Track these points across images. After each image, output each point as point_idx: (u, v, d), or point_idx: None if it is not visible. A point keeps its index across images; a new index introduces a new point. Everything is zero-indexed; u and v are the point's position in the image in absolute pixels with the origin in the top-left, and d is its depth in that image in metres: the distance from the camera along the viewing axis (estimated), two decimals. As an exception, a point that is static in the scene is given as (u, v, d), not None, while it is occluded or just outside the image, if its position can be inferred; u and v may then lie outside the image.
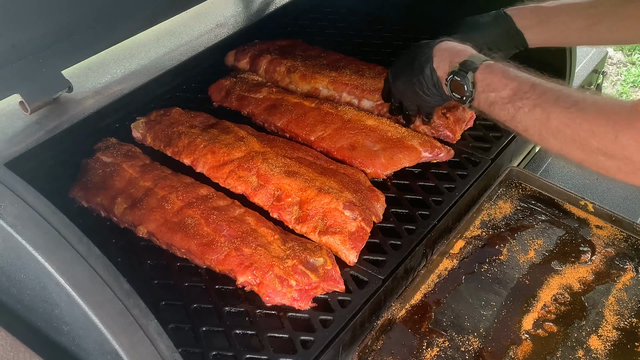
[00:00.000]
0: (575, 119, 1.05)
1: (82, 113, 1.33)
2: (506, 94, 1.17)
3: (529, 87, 1.14)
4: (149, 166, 1.48)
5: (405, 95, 1.47)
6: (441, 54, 1.32)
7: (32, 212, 0.98)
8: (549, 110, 1.09)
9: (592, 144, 1.03)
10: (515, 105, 1.15)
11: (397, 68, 1.46)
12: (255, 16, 1.80)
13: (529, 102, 1.13)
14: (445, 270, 1.33)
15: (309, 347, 1.15)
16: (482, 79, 1.22)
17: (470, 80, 1.23)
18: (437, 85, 1.33)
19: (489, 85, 1.21)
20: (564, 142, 1.08)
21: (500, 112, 1.19)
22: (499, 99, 1.18)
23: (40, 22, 1.19)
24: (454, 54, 1.29)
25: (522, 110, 1.14)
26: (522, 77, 1.17)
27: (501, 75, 1.20)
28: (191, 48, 1.62)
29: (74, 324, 0.98)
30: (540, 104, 1.11)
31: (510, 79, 1.18)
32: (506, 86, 1.18)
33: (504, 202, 1.50)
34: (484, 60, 1.24)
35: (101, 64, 1.49)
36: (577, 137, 1.05)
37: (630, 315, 1.25)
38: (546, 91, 1.12)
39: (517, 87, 1.16)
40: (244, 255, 1.24)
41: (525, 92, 1.14)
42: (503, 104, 1.17)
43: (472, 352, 1.18)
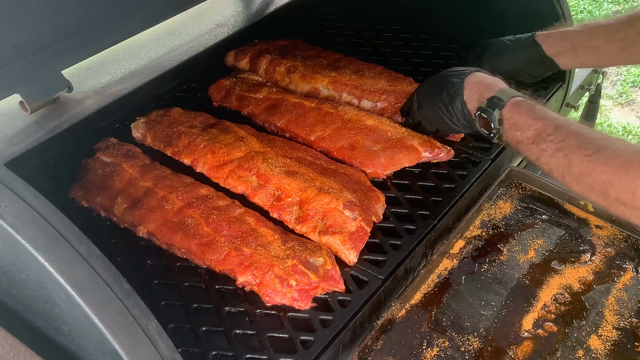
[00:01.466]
0: (596, 168, 1.05)
1: (82, 113, 1.33)
2: (531, 135, 1.17)
3: (552, 130, 1.14)
4: (149, 166, 1.49)
5: (431, 122, 1.47)
6: (471, 87, 1.32)
7: (32, 212, 0.98)
8: (570, 156, 1.09)
9: (611, 194, 1.04)
10: (540, 147, 1.15)
11: (425, 94, 1.45)
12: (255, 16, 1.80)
13: (552, 145, 1.13)
14: (445, 270, 1.33)
15: (309, 347, 1.15)
16: (509, 117, 1.22)
17: (497, 117, 1.23)
18: (468, 118, 1.34)
19: (515, 124, 1.21)
20: (586, 189, 1.09)
21: (526, 151, 1.20)
22: (524, 139, 1.19)
23: (40, 22, 1.19)
24: (483, 88, 1.29)
25: (546, 153, 1.14)
26: (547, 117, 1.17)
27: (527, 114, 1.20)
28: (191, 48, 1.61)
29: (74, 324, 0.98)
30: (563, 148, 1.11)
31: (536, 119, 1.18)
32: (531, 127, 1.18)
33: (504, 202, 1.49)
34: (512, 96, 1.23)
35: (101, 64, 1.49)
36: (598, 186, 1.05)
37: (630, 315, 1.25)
38: (569, 135, 1.12)
39: (541, 129, 1.16)
40: (244, 255, 1.24)
41: (549, 135, 1.14)
42: (528, 144, 1.18)
43: (472, 352, 1.18)
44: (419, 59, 1.95)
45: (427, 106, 1.44)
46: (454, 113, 1.36)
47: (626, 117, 4.00)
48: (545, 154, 1.14)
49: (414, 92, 1.51)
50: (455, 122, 1.38)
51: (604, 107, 4.04)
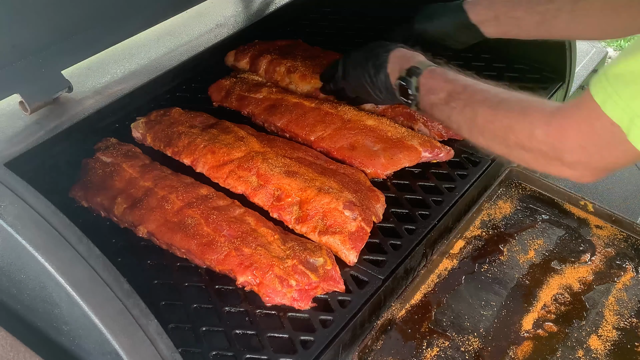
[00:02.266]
0: (498, 116, 1.13)
1: (82, 113, 1.33)
2: (443, 96, 1.25)
3: (462, 89, 1.23)
4: (149, 166, 1.48)
5: (355, 90, 1.53)
6: (394, 60, 1.39)
7: (32, 212, 0.98)
8: (476, 109, 1.17)
9: (511, 139, 1.11)
10: (450, 105, 1.23)
11: (352, 65, 1.51)
12: (255, 16, 1.80)
13: (461, 102, 1.21)
14: (445, 270, 1.33)
15: (309, 347, 1.15)
16: (425, 83, 1.30)
17: (414, 84, 1.31)
18: (390, 89, 1.40)
19: (430, 88, 1.29)
20: (489, 138, 1.17)
21: (439, 113, 1.28)
22: (438, 101, 1.26)
23: (40, 22, 1.19)
24: (404, 61, 1.37)
25: (456, 110, 1.22)
26: (458, 80, 1.25)
27: (440, 79, 1.28)
28: (191, 48, 1.62)
29: (74, 324, 0.98)
30: (470, 103, 1.19)
31: (448, 82, 1.26)
32: (443, 89, 1.26)
33: (504, 202, 1.50)
34: (428, 66, 1.32)
35: (101, 64, 1.49)
36: (499, 133, 1.13)
37: (630, 315, 1.25)
38: (477, 92, 1.20)
39: (452, 89, 1.24)
40: (244, 255, 1.24)
41: (459, 94, 1.22)
42: (441, 105, 1.26)
43: (472, 352, 1.18)
44: (419, 59, 1.94)
45: (353, 76, 1.50)
46: (378, 84, 1.42)
47: (626, 117, 3.99)
48: (455, 111, 1.22)
49: (339, 60, 1.57)
50: (377, 93, 1.44)
51: (604, 107, 4.04)
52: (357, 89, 1.51)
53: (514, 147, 1.11)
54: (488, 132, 1.16)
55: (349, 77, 1.52)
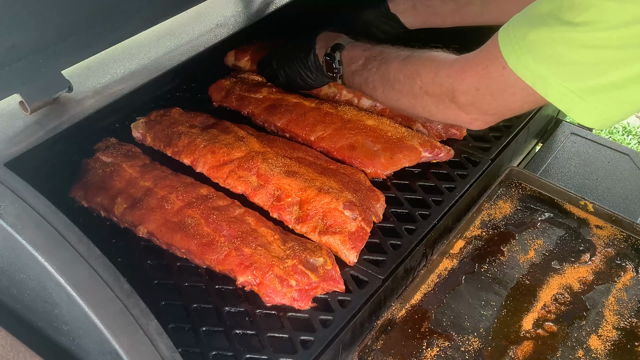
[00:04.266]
0: (407, 65, 1.25)
1: (82, 113, 1.33)
2: (361, 62, 1.38)
3: (378, 53, 1.36)
4: (149, 166, 1.48)
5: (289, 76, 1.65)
6: (321, 42, 1.52)
7: (32, 212, 0.98)
8: (389, 64, 1.29)
9: (417, 84, 1.22)
10: (367, 68, 1.35)
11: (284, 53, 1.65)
12: (255, 16, 1.80)
13: (377, 63, 1.33)
14: (445, 270, 1.33)
15: (309, 347, 1.15)
16: (346, 55, 1.43)
17: (337, 58, 1.44)
18: (319, 68, 1.53)
19: (351, 58, 1.41)
20: (398, 89, 1.28)
21: (358, 78, 1.39)
22: (357, 68, 1.38)
23: (40, 22, 1.19)
24: (329, 40, 1.50)
25: (372, 71, 1.34)
26: (375, 47, 1.38)
27: (360, 49, 1.41)
28: (191, 48, 1.61)
29: (74, 324, 0.98)
30: (385, 62, 1.31)
31: (366, 50, 1.40)
32: (362, 56, 1.39)
33: (504, 202, 1.50)
34: (350, 42, 1.45)
35: (101, 64, 1.49)
36: (407, 80, 1.24)
37: (630, 315, 1.25)
38: (391, 52, 1.33)
39: (369, 55, 1.37)
40: (244, 255, 1.24)
41: (375, 57, 1.35)
42: (359, 71, 1.38)
43: (472, 352, 1.18)
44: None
45: (286, 63, 1.63)
46: (308, 65, 1.55)
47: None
48: (371, 73, 1.34)
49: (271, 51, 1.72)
50: (308, 74, 1.57)
51: (604, 107, 4.03)
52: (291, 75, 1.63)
53: (419, 93, 1.22)
54: (397, 83, 1.26)
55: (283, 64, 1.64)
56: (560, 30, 0.97)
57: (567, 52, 0.98)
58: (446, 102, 1.19)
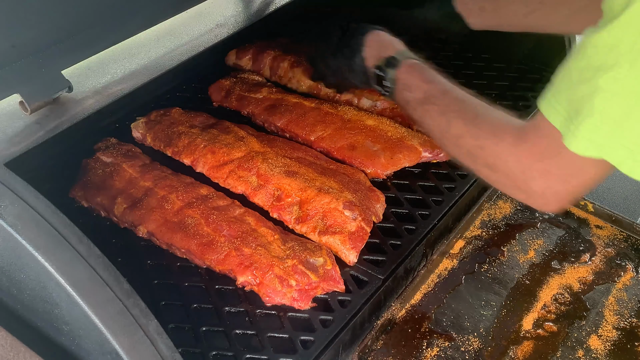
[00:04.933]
0: (470, 131, 1.11)
1: (82, 113, 1.33)
2: (419, 96, 1.22)
3: (439, 93, 1.20)
4: (149, 166, 1.48)
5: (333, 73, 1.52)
6: (371, 45, 1.36)
7: (32, 212, 0.98)
8: (451, 120, 1.15)
9: (480, 158, 1.09)
10: (424, 108, 1.21)
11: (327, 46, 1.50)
12: (255, 16, 1.80)
13: (436, 108, 1.19)
14: (445, 270, 1.33)
15: (309, 347, 1.15)
16: (402, 78, 1.27)
17: (391, 77, 1.29)
18: (366, 74, 1.38)
19: (406, 85, 1.26)
20: (460, 152, 1.15)
21: (412, 111, 1.25)
22: (413, 100, 1.24)
23: (40, 22, 1.19)
24: (382, 48, 1.34)
25: (429, 115, 1.20)
26: (436, 81, 1.23)
27: (418, 77, 1.25)
28: (191, 48, 1.61)
29: (74, 324, 0.98)
30: (446, 112, 1.17)
31: (425, 82, 1.23)
32: (420, 88, 1.23)
33: (504, 202, 1.50)
34: (407, 58, 1.29)
35: (101, 64, 1.49)
36: (470, 149, 1.11)
37: (630, 315, 1.25)
38: (453, 101, 1.17)
39: (428, 91, 1.21)
40: (244, 255, 1.24)
41: (435, 98, 1.20)
42: (416, 105, 1.23)
43: (472, 352, 1.18)
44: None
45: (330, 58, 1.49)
46: (354, 67, 1.40)
47: (626, 117, 4.00)
48: (428, 115, 1.20)
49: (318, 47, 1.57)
50: (354, 76, 1.43)
51: (604, 107, 4.04)
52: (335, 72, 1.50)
53: (482, 166, 1.10)
54: (459, 147, 1.14)
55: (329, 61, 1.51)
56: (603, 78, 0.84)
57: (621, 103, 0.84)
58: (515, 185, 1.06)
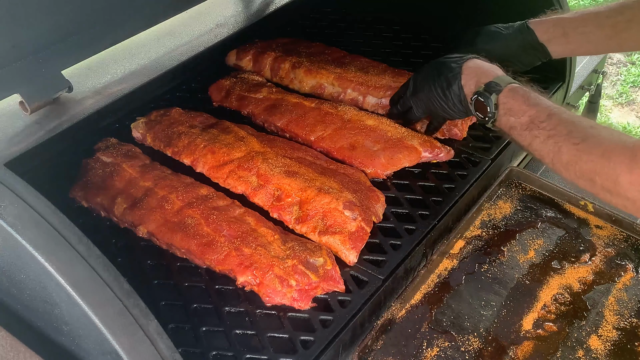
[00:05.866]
0: (582, 157, 1.09)
1: (82, 113, 1.33)
2: (524, 121, 1.20)
3: (545, 117, 1.17)
4: (149, 166, 1.49)
5: (425, 106, 1.47)
6: (469, 72, 1.34)
7: (32, 212, 0.98)
8: (560, 143, 1.13)
9: (597, 182, 1.07)
10: (532, 133, 1.18)
11: (423, 79, 1.45)
12: (255, 16, 1.80)
13: (544, 132, 1.16)
14: (445, 270, 1.33)
15: (309, 347, 1.15)
16: (504, 102, 1.24)
17: (493, 102, 1.25)
18: (464, 102, 1.35)
19: (510, 109, 1.23)
20: (574, 176, 1.12)
21: (518, 137, 1.23)
22: (518, 125, 1.21)
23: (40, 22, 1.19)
24: (481, 74, 1.31)
25: (538, 140, 1.17)
26: (541, 104, 1.20)
27: (522, 101, 1.22)
28: (191, 48, 1.62)
29: (74, 324, 0.98)
30: (554, 136, 1.14)
31: (530, 105, 1.20)
32: (525, 113, 1.20)
33: (504, 202, 1.50)
34: (508, 83, 1.26)
35: (101, 64, 1.49)
36: (585, 174, 1.09)
37: (630, 315, 1.25)
38: (560, 123, 1.15)
39: (534, 115, 1.18)
40: (244, 255, 1.24)
41: (542, 122, 1.17)
42: (521, 129, 1.21)
43: (472, 352, 1.18)
44: (419, 59, 1.95)
45: (423, 90, 1.44)
46: (451, 97, 1.37)
47: (626, 117, 4.00)
48: (537, 141, 1.18)
49: (409, 79, 1.52)
50: (451, 106, 1.39)
51: (604, 107, 4.04)
52: (428, 105, 1.45)
53: (601, 189, 1.08)
54: (573, 171, 1.12)
55: (419, 91, 1.45)
56: None
57: None
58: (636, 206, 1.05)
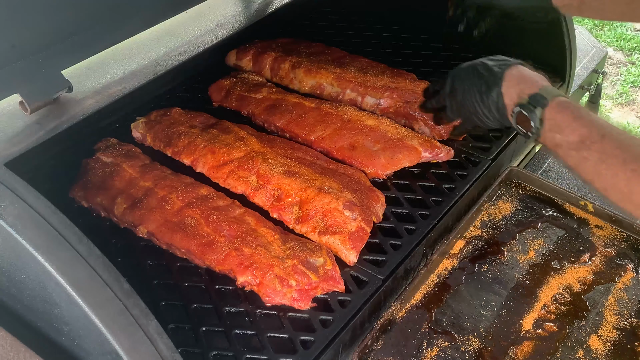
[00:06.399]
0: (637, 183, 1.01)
1: (82, 113, 1.33)
2: (573, 140, 1.10)
3: (598, 137, 1.07)
4: (149, 166, 1.49)
5: (460, 109, 1.37)
6: (511, 80, 1.23)
7: (32, 212, 0.98)
8: (615, 170, 1.04)
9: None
10: (581, 154, 1.09)
11: (461, 79, 1.35)
12: (255, 16, 1.80)
13: (596, 155, 1.06)
14: (445, 270, 1.33)
15: (309, 347, 1.15)
16: (551, 118, 1.14)
17: (538, 116, 1.15)
18: (501, 111, 1.25)
19: (557, 125, 1.13)
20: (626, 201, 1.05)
21: (564, 156, 1.13)
22: (565, 143, 1.12)
23: (40, 22, 1.19)
24: (525, 83, 1.20)
25: (588, 162, 1.08)
26: (593, 123, 1.10)
27: (571, 117, 1.12)
28: (191, 48, 1.62)
29: (74, 324, 0.98)
30: (606, 160, 1.05)
31: (580, 124, 1.10)
32: (574, 131, 1.10)
33: (504, 202, 1.50)
34: (555, 95, 1.15)
35: (101, 64, 1.49)
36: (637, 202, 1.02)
37: (630, 315, 1.25)
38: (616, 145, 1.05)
39: (585, 135, 1.08)
40: (244, 255, 1.24)
41: (594, 143, 1.07)
42: (569, 148, 1.11)
43: (472, 352, 1.18)
44: (419, 59, 1.95)
45: (461, 91, 1.33)
46: (488, 104, 1.26)
47: (626, 117, 4.00)
48: (587, 163, 1.08)
49: (448, 75, 1.40)
50: (486, 113, 1.29)
51: (604, 107, 4.05)
52: (463, 108, 1.34)
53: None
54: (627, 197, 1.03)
55: (457, 93, 1.35)
56: None
57: None
58: None
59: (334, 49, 1.90)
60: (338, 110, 1.63)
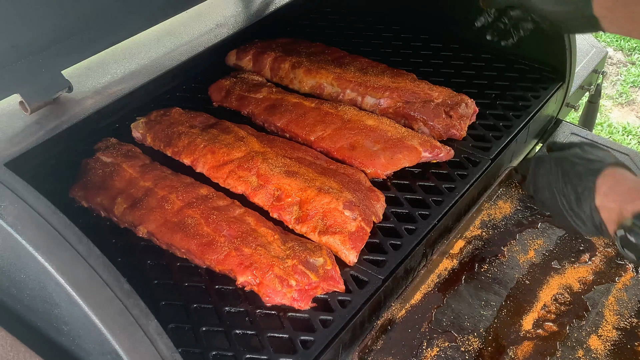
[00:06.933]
0: None
1: (82, 113, 1.33)
2: None
3: None
4: (149, 166, 1.49)
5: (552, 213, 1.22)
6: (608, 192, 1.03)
7: (32, 212, 0.98)
8: None
9: None
10: None
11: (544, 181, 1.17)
12: (255, 16, 1.80)
13: None
14: (445, 270, 1.33)
15: (309, 347, 1.15)
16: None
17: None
18: (600, 228, 1.06)
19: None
20: None
21: None
22: None
23: (40, 22, 1.19)
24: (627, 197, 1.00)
25: None
26: None
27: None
28: (191, 48, 1.62)
29: (74, 324, 0.98)
30: None
31: None
32: None
33: (504, 202, 1.50)
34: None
35: (101, 64, 1.49)
36: None
37: (630, 315, 1.25)
38: None
39: None
40: (244, 255, 1.24)
41: None
42: None
43: (472, 352, 1.18)
44: (419, 59, 1.95)
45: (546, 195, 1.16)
46: (581, 217, 1.09)
47: (626, 117, 4.00)
48: None
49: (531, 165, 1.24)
50: (580, 225, 1.11)
51: (604, 107, 4.04)
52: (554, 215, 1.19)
53: None
54: None
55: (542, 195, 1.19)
56: None
57: None
58: None
59: (334, 49, 1.90)
60: (338, 110, 1.63)
